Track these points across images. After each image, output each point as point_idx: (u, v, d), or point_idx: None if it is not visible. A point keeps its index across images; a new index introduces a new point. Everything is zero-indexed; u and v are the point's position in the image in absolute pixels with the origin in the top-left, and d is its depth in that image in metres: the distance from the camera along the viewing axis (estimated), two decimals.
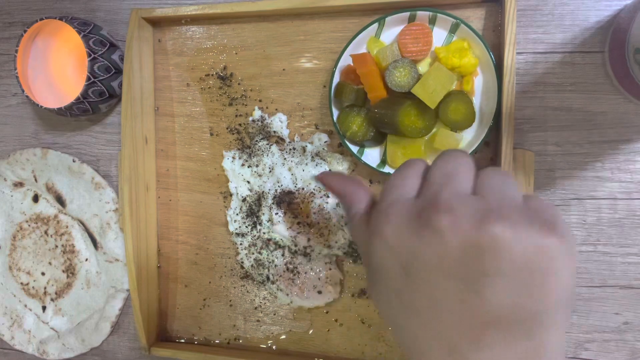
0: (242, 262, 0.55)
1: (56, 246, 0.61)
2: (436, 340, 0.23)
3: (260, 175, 0.54)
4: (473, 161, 0.26)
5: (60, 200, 0.61)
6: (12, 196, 0.63)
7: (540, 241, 0.21)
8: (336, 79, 0.49)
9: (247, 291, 0.56)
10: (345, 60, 0.49)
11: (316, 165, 0.52)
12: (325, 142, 0.52)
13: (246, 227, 0.54)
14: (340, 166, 0.52)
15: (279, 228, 0.52)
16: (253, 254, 0.55)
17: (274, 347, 0.56)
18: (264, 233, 0.54)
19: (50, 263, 0.62)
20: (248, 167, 0.54)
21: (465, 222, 0.22)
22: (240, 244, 0.55)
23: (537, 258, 0.21)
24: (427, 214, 0.23)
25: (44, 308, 0.62)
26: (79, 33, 0.51)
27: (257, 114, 0.54)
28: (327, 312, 0.54)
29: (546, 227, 0.22)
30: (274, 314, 0.55)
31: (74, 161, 0.59)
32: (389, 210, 0.25)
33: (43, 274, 0.62)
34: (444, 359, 0.23)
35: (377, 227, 0.25)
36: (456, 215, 0.22)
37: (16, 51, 0.53)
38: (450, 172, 0.25)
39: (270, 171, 0.54)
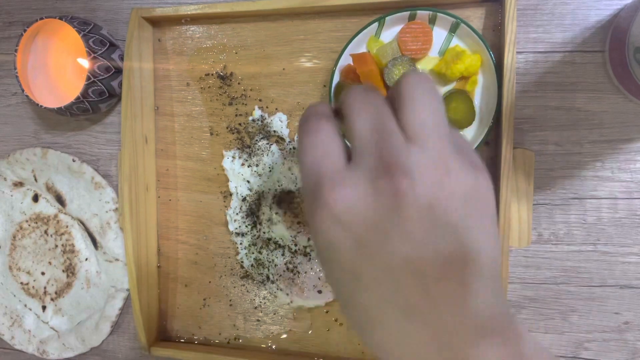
0: (242, 262, 0.55)
1: (56, 246, 0.61)
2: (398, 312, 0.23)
3: (260, 175, 0.54)
4: (379, 93, 0.24)
5: (60, 199, 0.61)
6: (12, 196, 0.63)
7: (478, 183, 0.23)
8: (336, 78, 0.49)
9: (247, 291, 0.56)
10: (345, 60, 0.49)
11: None
12: None
13: (246, 226, 0.54)
14: None
15: (279, 228, 0.52)
16: (253, 253, 0.54)
17: (274, 346, 0.56)
18: (264, 233, 0.54)
19: (50, 263, 0.62)
20: (248, 166, 0.54)
21: (421, 183, 0.22)
22: (240, 243, 0.55)
23: (479, 200, 0.23)
24: (383, 181, 0.22)
25: (44, 308, 0.62)
26: (79, 32, 0.51)
27: (257, 113, 0.54)
28: (327, 312, 0.54)
29: (478, 169, 0.23)
30: (274, 314, 0.55)
31: (73, 161, 0.59)
32: (330, 183, 0.23)
33: (43, 273, 0.62)
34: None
35: (320, 201, 0.23)
36: (414, 177, 0.21)
37: (16, 51, 0.53)
38: (376, 124, 0.23)
39: (270, 171, 0.54)
